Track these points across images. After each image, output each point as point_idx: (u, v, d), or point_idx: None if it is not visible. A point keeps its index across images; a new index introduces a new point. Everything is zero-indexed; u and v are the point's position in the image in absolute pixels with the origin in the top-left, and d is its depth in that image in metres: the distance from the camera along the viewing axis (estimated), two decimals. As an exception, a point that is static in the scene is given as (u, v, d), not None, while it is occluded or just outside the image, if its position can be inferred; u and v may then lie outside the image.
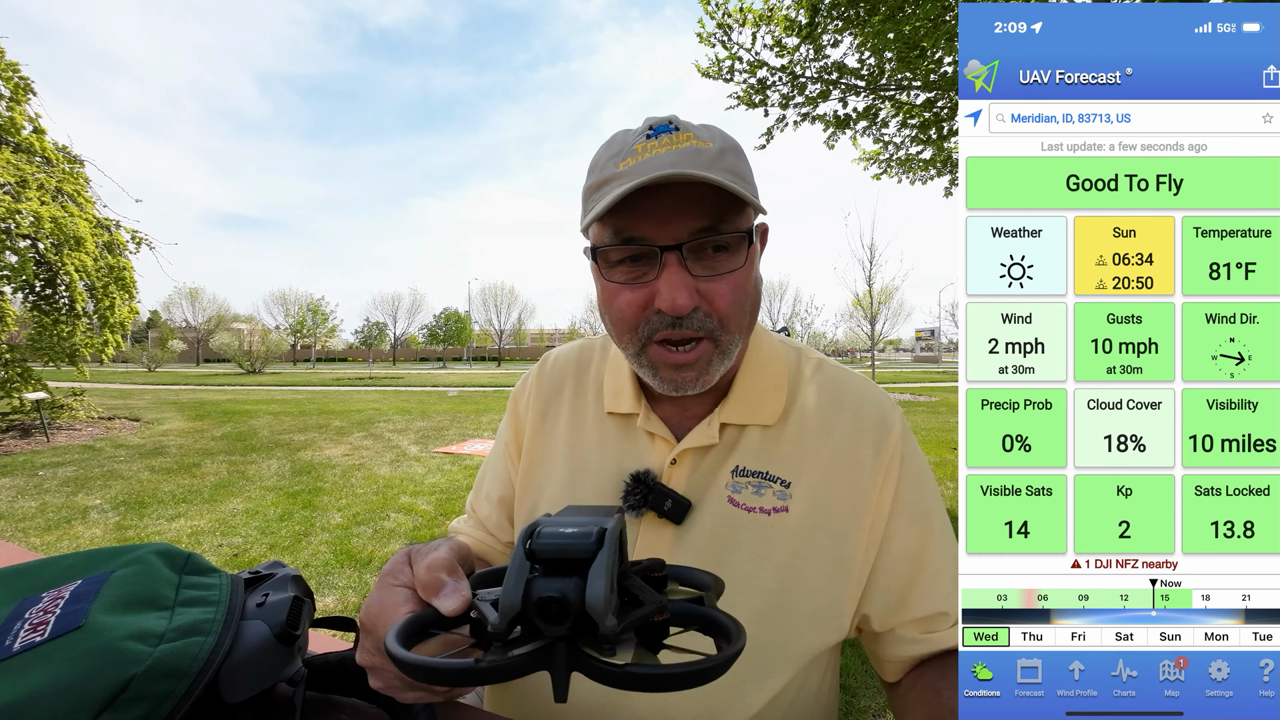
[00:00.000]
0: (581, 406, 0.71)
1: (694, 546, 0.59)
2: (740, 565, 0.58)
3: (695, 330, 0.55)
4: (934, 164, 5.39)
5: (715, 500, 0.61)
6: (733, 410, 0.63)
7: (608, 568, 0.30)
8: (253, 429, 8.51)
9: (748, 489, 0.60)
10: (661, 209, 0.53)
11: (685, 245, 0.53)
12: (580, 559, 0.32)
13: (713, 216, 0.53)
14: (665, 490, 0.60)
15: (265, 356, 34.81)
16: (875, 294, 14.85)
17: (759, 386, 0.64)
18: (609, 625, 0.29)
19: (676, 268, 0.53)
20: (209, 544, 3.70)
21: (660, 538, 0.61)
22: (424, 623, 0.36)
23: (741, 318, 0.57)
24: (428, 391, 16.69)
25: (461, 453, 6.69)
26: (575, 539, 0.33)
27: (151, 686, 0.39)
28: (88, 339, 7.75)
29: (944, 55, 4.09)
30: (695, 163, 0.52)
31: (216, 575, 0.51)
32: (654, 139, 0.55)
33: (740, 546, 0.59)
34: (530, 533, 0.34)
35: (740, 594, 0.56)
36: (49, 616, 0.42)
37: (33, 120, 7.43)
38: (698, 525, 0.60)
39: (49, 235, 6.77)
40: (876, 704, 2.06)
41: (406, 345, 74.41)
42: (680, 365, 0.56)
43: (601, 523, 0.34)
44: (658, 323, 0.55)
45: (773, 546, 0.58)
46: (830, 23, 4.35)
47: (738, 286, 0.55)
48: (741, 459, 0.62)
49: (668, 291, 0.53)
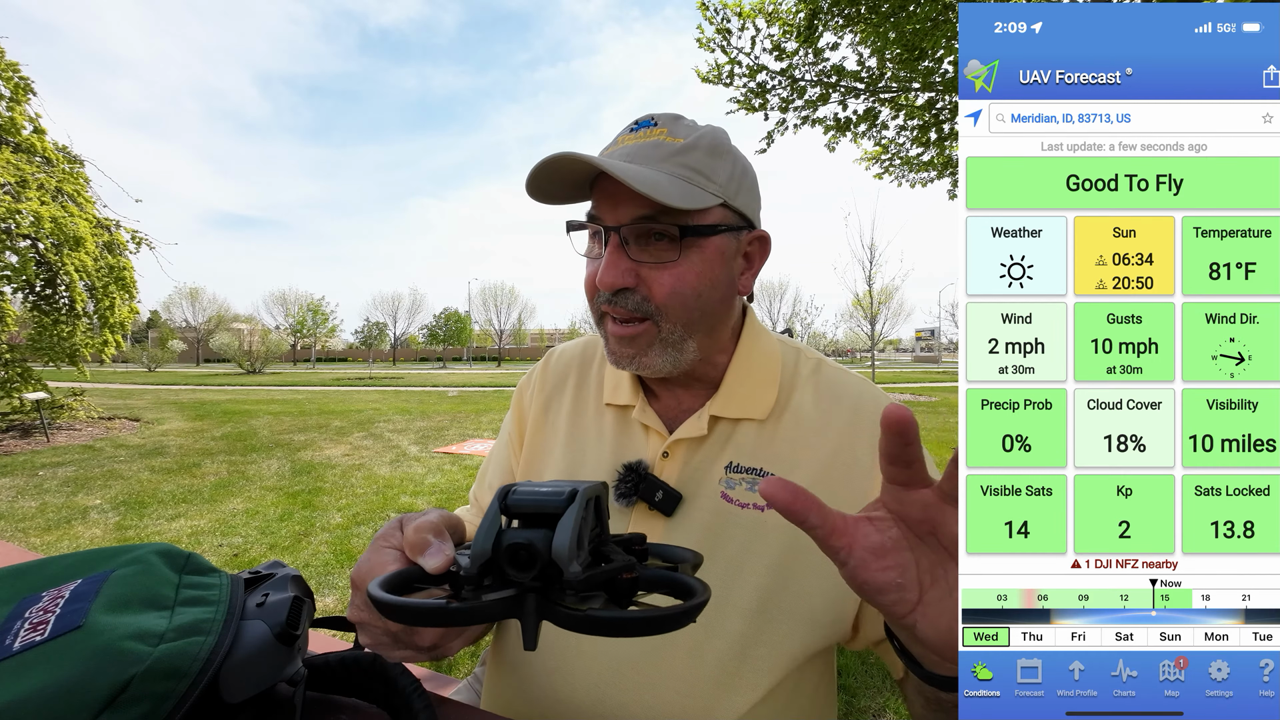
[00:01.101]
0: (583, 400, 0.73)
1: (684, 540, 0.59)
2: (731, 561, 0.58)
3: (632, 311, 0.58)
4: (934, 165, 5.39)
5: (708, 495, 0.61)
6: (723, 403, 0.64)
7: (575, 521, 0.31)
8: (253, 429, 8.51)
9: (741, 485, 0.61)
10: (618, 194, 0.57)
11: (624, 228, 0.57)
12: (551, 513, 0.33)
13: (655, 208, 0.55)
14: (656, 481, 0.61)
15: (265, 356, 34.81)
16: (875, 294, 14.85)
17: (750, 381, 0.65)
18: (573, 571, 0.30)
19: (614, 248, 0.57)
20: (209, 544, 3.70)
21: (651, 529, 0.61)
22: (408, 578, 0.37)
23: (684, 312, 0.58)
24: (428, 391, 16.69)
25: (461, 453, 6.69)
26: (547, 495, 0.34)
27: (151, 686, 0.38)
28: (88, 339, 7.75)
29: (944, 55, 4.09)
30: (644, 158, 0.56)
31: (216, 575, 0.51)
32: (634, 132, 0.60)
33: (731, 542, 0.59)
34: (507, 490, 0.35)
35: (731, 590, 0.57)
36: (49, 616, 0.42)
37: (33, 120, 7.43)
38: (689, 519, 0.61)
39: (49, 235, 6.78)
40: (876, 704, 2.06)
41: (406, 345, 74.41)
42: (620, 338, 0.60)
43: (576, 485, 0.35)
44: (603, 297, 0.59)
45: (765, 543, 0.58)
46: (830, 20, 4.36)
47: (678, 278, 0.57)
48: (736, 455, 0.62)
49: (601, 268, 0.57)
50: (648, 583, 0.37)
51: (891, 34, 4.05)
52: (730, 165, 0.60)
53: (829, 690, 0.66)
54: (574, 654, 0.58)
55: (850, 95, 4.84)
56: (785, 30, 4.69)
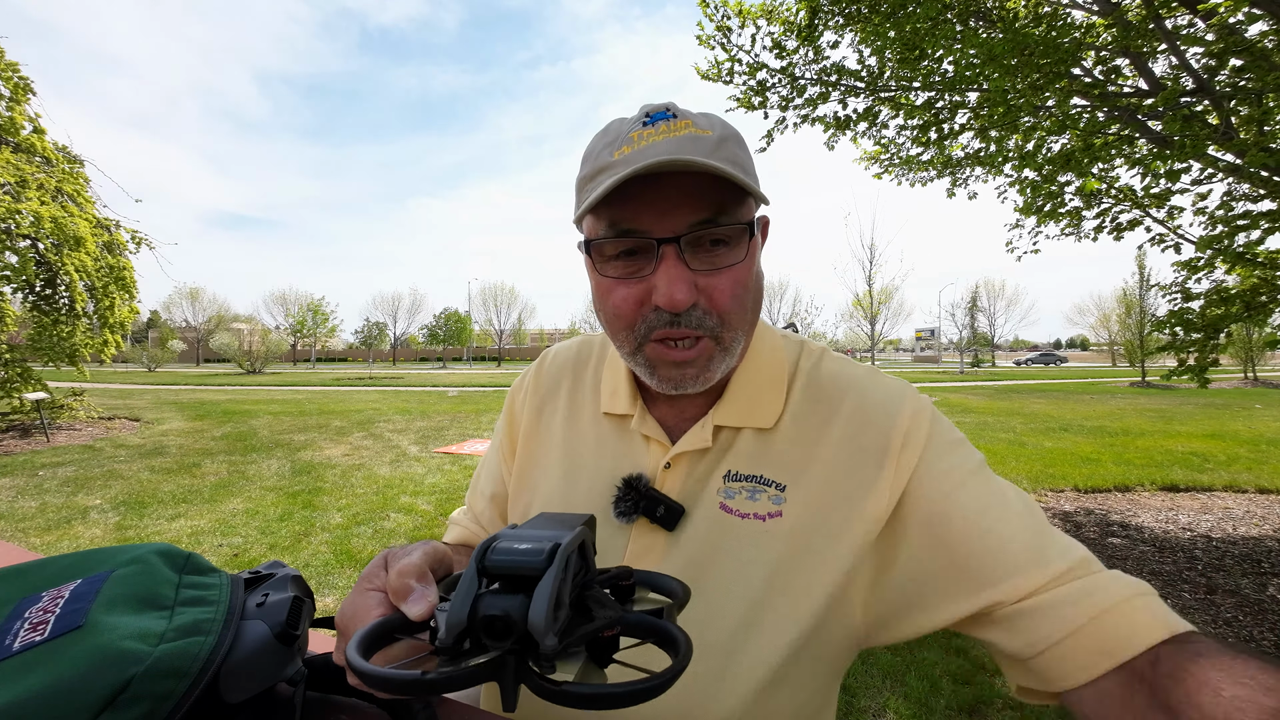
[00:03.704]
0: (578, 405, 0.69)
1: (685, 554, 0.57)
2: (728, 573, 0.55)
3: (694, 328, 0.52)
4: (934, 165, 5.38)
5: (707, 506, 0.58)
6: (727, 412, 0.60)
7: (552, 587, 0.31)
8: (253, 429, 8.51)
9: (741, 494, 0.57)
10: (659, 200, 0.50)
11: (684, 238, 0.50)
12: (529, 576, 0.32)
13: (713, 208, 0.50)
14: (657, 496, 0.58)
15: (265, 356, 34.79)
16: (875, 294, 14.84)
17: (756, 387, 0.61)
18: (549, 645, 0.29)
19: (675, 261, 0.50)
20: (209, 544, 3.70)
21: (652, 544, 0.58)
22: (390, 628, 0.36)
23: (743, 313, 0.54)
24: (428, 391, 16.69)
25: (461, 453, 6.68)
26: (525, 556, 0.33)
27: (151, 686, 0.38)
28: (88, 339, 7.75)
29: (944, 55, 4.08)
30: (695, 151, 0.49)
31: (216, 575, 0.51)
32: (651, 126, 0.52)
33: (730, 554, 0.56)
34: (485, 548, 0.34)
35: (727, 601, 0.54)
36: (49, 616, 0.42)
37: (33, 120, 7.43)
38: (689, 532, 0.57)
39: (49, 235, 6.77)
40: (876, 704, 2.06)
41: (406, 345, 74.40)
42: (680, 363, 0.54)
43: (558, 537, 0.34)
44: (655, 320, 0.52)
45: (764, 552, 0.55)
46: (831, 19, 4.35)
47: (739, 281, 0.53)
48: (734, 463, 0.59)
49: (665, 286, 0.50)
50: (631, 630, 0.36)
51: (891, 33, 4.04)
52: (750, 155, 0.56)
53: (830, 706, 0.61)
54: None
55: (850, 94, 4.83)
56: (785, 29, 4.68)
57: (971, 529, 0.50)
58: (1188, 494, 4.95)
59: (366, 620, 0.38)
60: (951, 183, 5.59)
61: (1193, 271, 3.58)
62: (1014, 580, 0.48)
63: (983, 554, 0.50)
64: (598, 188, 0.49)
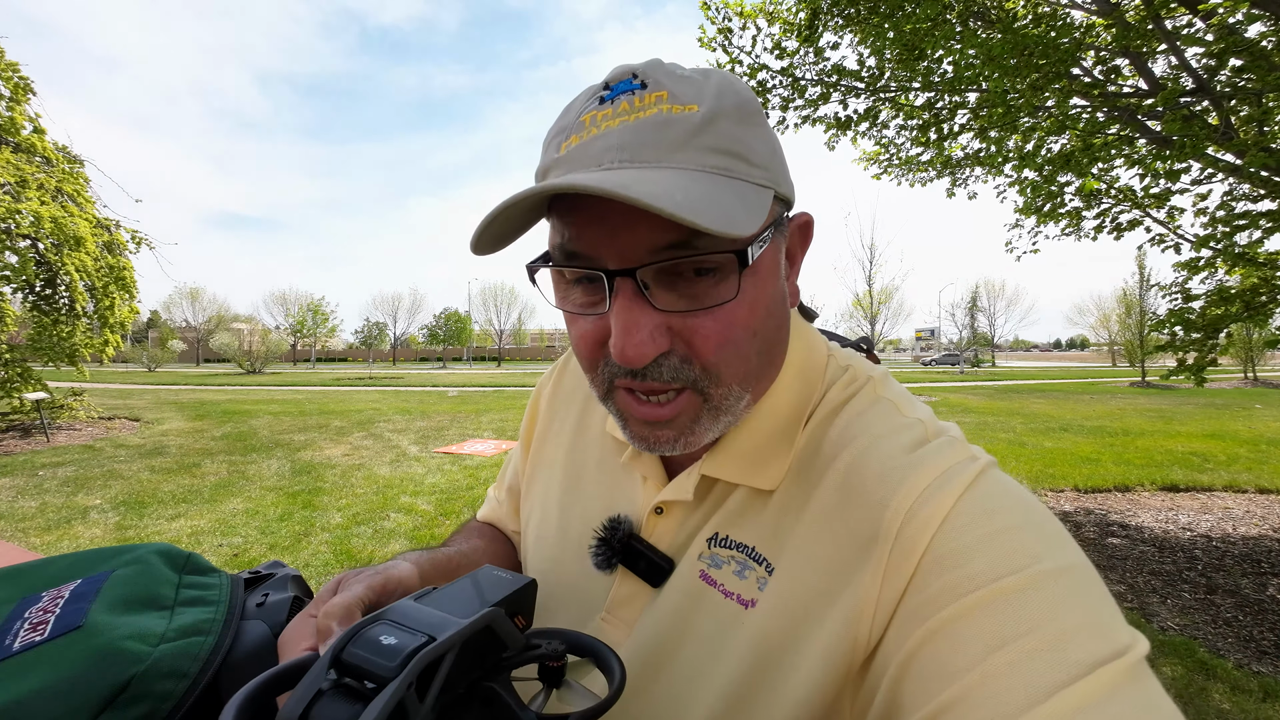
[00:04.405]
0: (590, 414, 0.62)
1: (658, 624, 0.46)
2: (695, 661, 0.44)
3: (667, 382, 0.39)
4: (933, 165, 5.39)
5: (688, 573, 0.46)
6: (719, 463, 0.46)
7: (385, 704, 0.27)
8: (253, 429, 8.51)
9: (729, 565, 0.45)
10: (612, 216, 0.36)
11: (644, 269, 0.36)
12: (380, 680, 0.29)
13: (686, 229, 0.34)
14: (640, 548, 0.48)
15: (265, 356, 34.80)
16: (875, 294, 14.83)
17: (763, 436, 0.46)
18: None
19: (631, 301, 0.37)
20: (209, 544, 3.70)
21: (635, 595, 0.49)
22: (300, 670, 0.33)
23: (741, 363, 0.40)
24: (428, 391, 16.69)
25: (461, 453, 6.68)
26: (381, 655, 0.29)
27: (151, 686, 0.38)
28: (88, 339, 7.75)
29: (944, 56, 4.08)
30: (650, 146, 0.36)
31: (216, 575, 0.51)
32: (609, 104, 0.38)
33: (704, 637, 0.44)
34: (351, 634, 0.31)
35: (695, 688, 0.43)
36: (49, 616, 0.42)
37: (33, 120, 7.43)
38: (667, 598, 0.47)
39: (49, 235, 6.78)
40: None
41: (406, 345, 74.40)
42: (653, 421, 0.41)
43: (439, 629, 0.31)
44: (617, 368, 0.40)
45: (738, 644, 0.42)
46: (830, 20, 4.35)
47: (732, 323, 0.38)
48: (722, 525, 0.46)
49: (617, 335, 0.37)
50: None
51: (891, 34, 4.04)
52: (765, 131, 0.41)
53: None
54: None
55: (850, 95, 4.84)
56: (786, 30, 4.69)
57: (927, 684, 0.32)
58: (1188, 494, 4.95)
59: (295, 651, 0.37)
60: (951, 183, 5.59)
61: (1193, 271, 3.58)
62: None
63: None
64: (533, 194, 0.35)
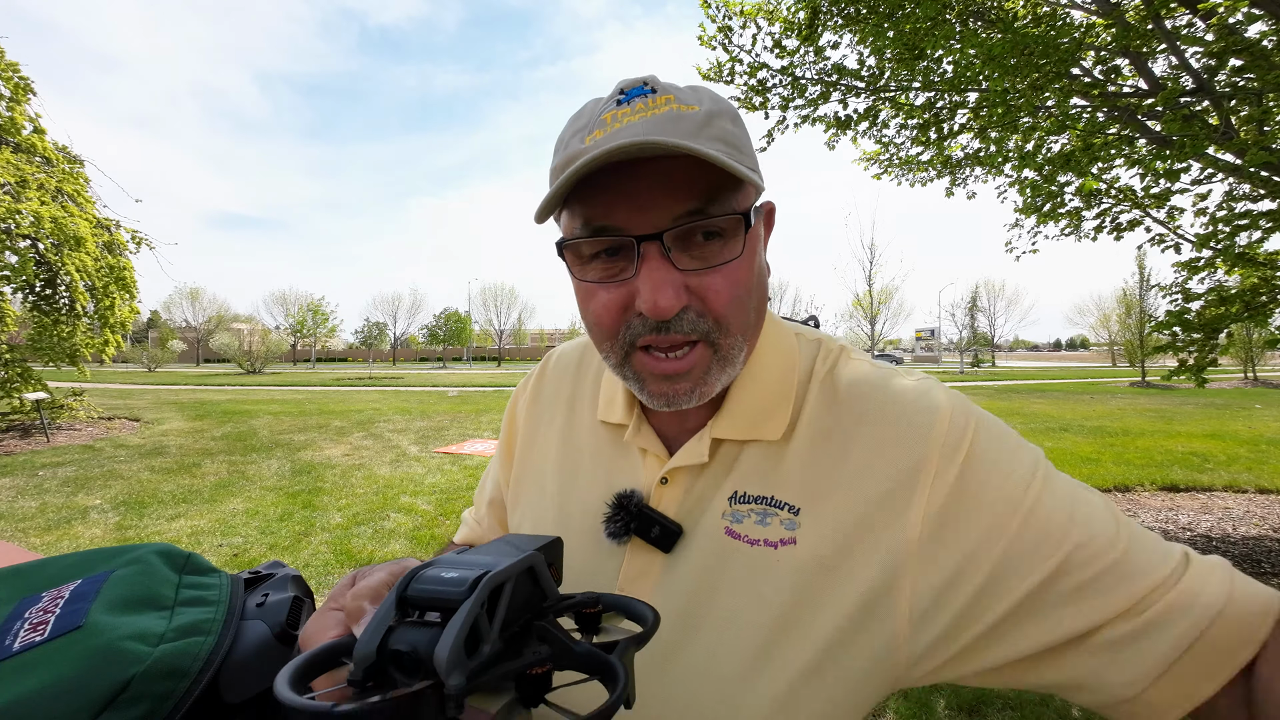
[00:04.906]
0: (578, 412, 0.65)
1: (684, 581, 0.51)
2: (735, 604, 0.49)
3: (686, 334, 0.46)
4: (933, 165, 5.38)
5: (710, 531, 0.52)
6: (728, 424, 0.53)
7: (464, 621, 0.29)
8: (253, 429, 8.51)
9: (750, 518, 0.51)
10: (637, 190, 0.44)
11: (668, 233, 0.44)
12: (449, 607, 0.30)
13: (702, 197, 0.44)
14: (651, 515, 0.53)
15: (265, 356, 34.80)
16: (875, 294, 14.84)
17: (761, 393, 0.53)
18: (452, 685, 0.27)
19: (658, 261, 0.44)
20: (209, 544, 3.70)
21: (648, 567, 0.53)
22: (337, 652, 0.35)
23: (743, 316, 0.48)
24: (428, 392, 16.69)
25: (461, 453, 6.68)
26: (446, 585, 0.31)
27: (151, 686, 0.38)
28: (88, 339, 7.75)
29: (944, 55, 4.08)
30: (676, 131, 0.42)
31: (216, 575, 0.51)
32: (626, 105, 0.45)
33: (737, 584, 0.49)
34: (410, 576, 0.33)
35: (735, 636, 0.48)
36: (49, 616, 0.42)
37: (33, 120, 7.43)
38: (688, 557, 0.52)
39: (49, 235, 6.77)
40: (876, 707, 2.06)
41: (406, 345, 74.40)
42: (671, 375, 0.48)
43: (493, 565, 0.32)
44: (640, 327, 0.47)
45: (777, 583, 0.48)
46: (831, 19, 4.35)
47: (736, 280, 0.46)
48: (741, 483, 0.52)
49: (648, 291, 0.44)
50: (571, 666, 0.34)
51: (891, 34, 4.04)
52: (747, 132, 0.50)
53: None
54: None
55: (850, 94, 4.84)
56: (786, 29, 4.69)
57: (1054, 523, 0.43)
58: (1188, 494, 4.95)
59: (320, 642, 0.37)
60: (951, 183, 5.59)
61: (1193, 271, 3.57)
62: (1127, 585, 0.40)
63: (1074, 553, 0.42)
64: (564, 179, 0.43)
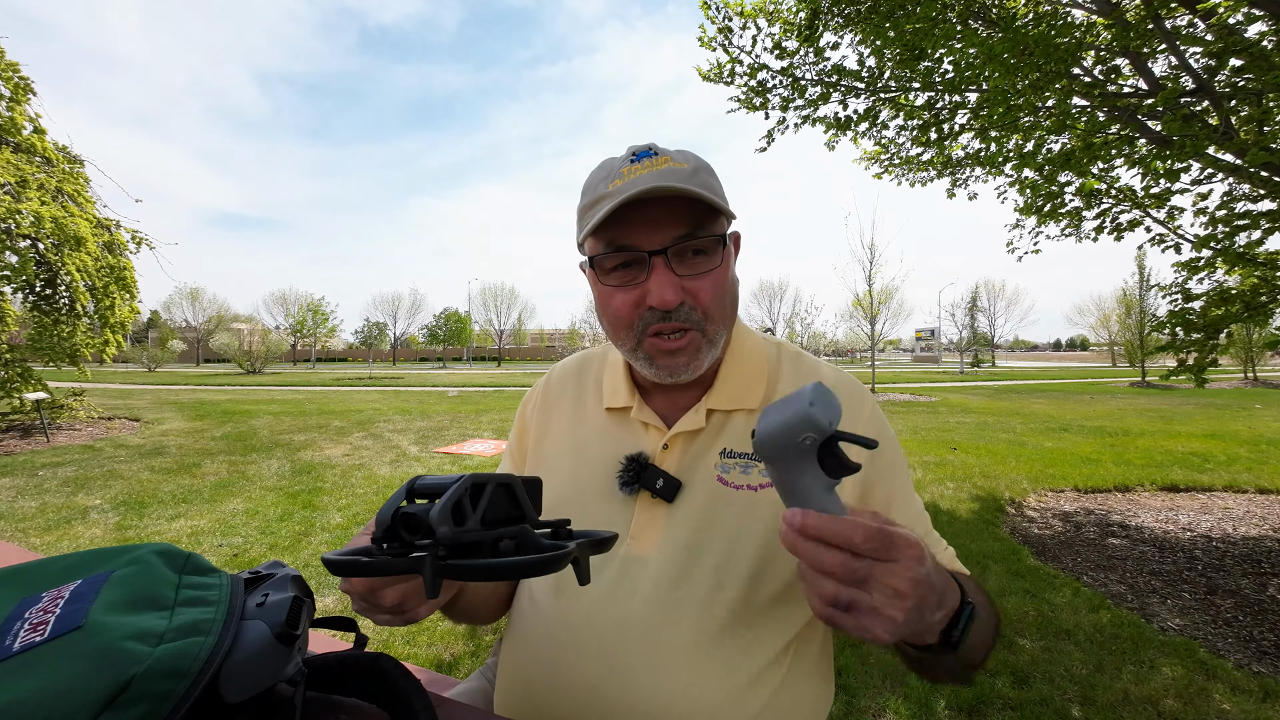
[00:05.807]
0: (584, 406, 0.80)
1: (686, 521, 0.66)
2: (729, 536, 0.65)
3: (683, 322, 0.64)
4: (934, 165, 5.38)
5: (705, 480, 0.68)
6: (719, 397, 0.71)
7: (452, 495, 0.38)
8: (253, 429, 8.51)
9: (735, 469, 0.68)
10: (648, 220, 0.62)
11: (670, 249, 0.62)
12: (442, 493, 0.40)
13: (692, 225, 0.63)
14: (657, 470, 0.68)
15: (265, 357, 34.79)
16: (875, 294, 14.84)
17: (742, 375, 0.72)
18: (443, 531, 0.37)
19: (663, 269, 0.62)
20: (209, 544, 3.70)
21: (654, 517, 0.68)
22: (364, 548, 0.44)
23: (723, 309, 0.66)
24: (428, 391, 16.69)
25: (461, 453, 6.68)
26: (442, 479, 0.41)
27: (151, 686, 0.38)
28: (88, 339, 7.75)
29: (944, 55, 4.08)
30: (674, 180, 0.60)
31: (216, 575, 0.51)
32: (637, 163, 0.64)
33: (728, 519, 0.66)
34: (417, 478, 0.43)
35: (730, 563, 0.64)
36: (49, 616, 0.42)
37: (33, 120, 7.42)
38: (689, 503, 0.67)
39: (49, 235, 6.77)
40: (876, 704, 2.06)
41: (406, 345, 74.41)
42: (673, 351, 0.65)
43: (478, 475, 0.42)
44: (650, 318, 0.64)
45: (757, 519, 0.65)
46: (831, 20, 4.35)
47: (717, 284, 0.65)
48: (729, 442, 0.69)
49: (657, 289, 0.62)
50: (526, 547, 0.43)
51: (891, 34, 4.04)
52: (720, 183, 0.68)
53: (827, 660, 0.73)
54: (584, 626, 0.65)
55: (850, 95, 4.83)
56: (786, 29, 4.68)
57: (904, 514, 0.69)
58: (1188, 494, 4.95)
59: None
60: (951, 183, 5.58)
61: (1193, 271, 3.57)
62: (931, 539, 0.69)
63: None
64: (598, 213, 0.62)
